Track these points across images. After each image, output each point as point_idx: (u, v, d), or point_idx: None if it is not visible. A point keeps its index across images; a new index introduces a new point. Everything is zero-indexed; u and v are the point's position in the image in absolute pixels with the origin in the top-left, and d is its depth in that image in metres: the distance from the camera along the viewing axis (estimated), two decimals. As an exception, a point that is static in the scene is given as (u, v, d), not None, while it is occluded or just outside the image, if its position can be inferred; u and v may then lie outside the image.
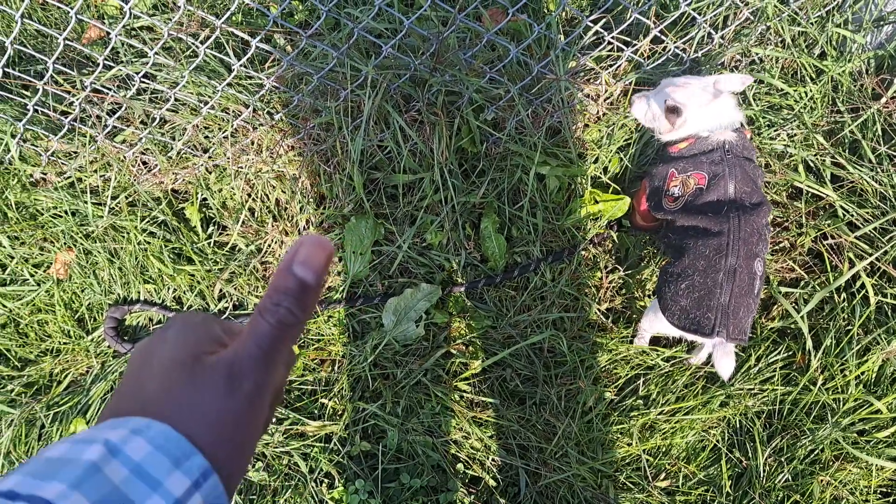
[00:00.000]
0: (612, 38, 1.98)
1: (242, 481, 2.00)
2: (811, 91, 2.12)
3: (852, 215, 2.07)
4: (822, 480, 1.94)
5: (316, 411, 2.09)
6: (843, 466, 1.95)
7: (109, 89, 2.09)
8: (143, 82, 2.00)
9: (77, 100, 1.99)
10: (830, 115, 2.16)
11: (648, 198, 1.95)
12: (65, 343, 2.21)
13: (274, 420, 2.04)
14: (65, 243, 2.21)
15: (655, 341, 2.14)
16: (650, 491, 1.98)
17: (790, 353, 2.09)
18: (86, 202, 2.17)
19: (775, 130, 2.17)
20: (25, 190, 2.19)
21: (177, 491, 0.43)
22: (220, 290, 2.21)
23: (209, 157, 2.17)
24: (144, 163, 2.23)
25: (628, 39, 2.08)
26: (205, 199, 2.22)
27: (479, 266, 2.20)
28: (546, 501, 2.01)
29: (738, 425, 2.08)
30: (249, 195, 2.21)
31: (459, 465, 2.03)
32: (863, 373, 1.99)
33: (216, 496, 0.45)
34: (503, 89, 2.02)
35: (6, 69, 1.84)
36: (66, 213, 2.19)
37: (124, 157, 2.18)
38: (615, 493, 1.97)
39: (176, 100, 2.04)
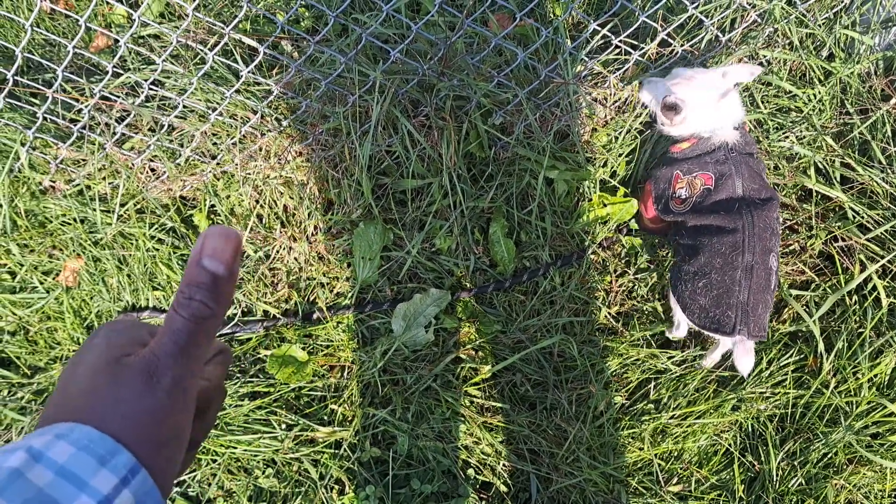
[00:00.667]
0: (620, 41, 1.98)
1: (252, 488, 1.99)
2: (820, 93, 2.12)
3: (862, 217, 2.06)
4: (836, 484, 1.93)
5: (326, 417, 2.08)
6: (857, 470, 1.94)
7: (118, 97, 2.10)
8: (152, 89, 2.00)
9: (86, 107, 1.99)
10: (839, 117, 2.15)
11: (655, 201, 1.95)
12: (74, 350, 2.20)
13: (284, 426, 2.04)
14: (74, 251, 2.21)
15: (668, 344, 2.13)
16: (662, 496, 1.97)
17: (802, 356, 2.08)
18: (94, 210, 2.17)
19: (784, 133, 2.16)
20: (34, 198, 2.19)
21: (104, 488, 0.43)
22: (229, 297, 2.20)
23: (217, 164, 2.17)
24: (153, 170, 2.23)
25: (635, 43, 2.08)
26: (213, 205, 2.22)
27: (488, 271, 2.19)
28: (557, 507, 2.00)
29: (750, 429, 2.06)
30: (257, 201, 2.21)
31: (470, 471, 2.02)
32: (876, 375, 1.98)
33: (145, 491, 0.46)
34: (511, 94, 2.02)
35: (16, 77, 1.85)
36: (74, 220, 2.19)
37: (133, 165, 2.18)
38: (627, 498, 1.96)
39: (184, 107, 2.04)
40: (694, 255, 1.76)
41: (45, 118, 2.00)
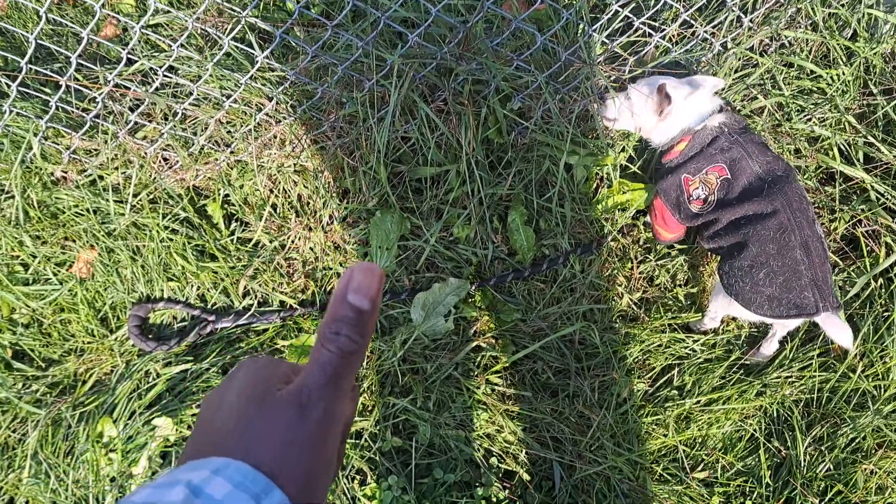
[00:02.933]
0: (641, 22, 1.95)
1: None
2: (843, 73, 2.08)
3: (887, 198, 2.03)
4: (865, 469, 1.90)
5: (345, 408, 2.05)
6: (886, 454, 1.91)
7: (131, 84, 2.07)
8: (166, 76, 1.97)
9: (99, 95, 1.96)
10: (862, 98, 2.12)
11: (674, 212, 1.91)
12: (89, 342, 2.18)
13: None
14: (87, 242, 2.18)
15: (688, 330, 2.11)
16: (688, 483, 1.95)
17: (827, 340, 2.05)
18: (107, 200, 2.14)
19: (806, 115, 2.13)
20: (47, 188, 2.16)
21: None
22: (245, 287, 2.18)
23: (231, 153, 2.14)
24: (166, 159, 2.20)
25: (656, 24, 2.05)
26: (227, 195, 2.19)
27: (507, 259, 2.17)
28: (581, 495, 1.98)
29: (775, 414, 2.04)
30: (272, 191, 2.18)
31: (493, 460, 2.00)
32: (904, 359, 1.95)
33: None
34: (530, 77, 1.99)
35: (29, 65, 1.82)
36: (87, 211, 2.16)
37: (146, 154, 2.15)
38: (652, 486, 1.93)
39: (198, 94, 2.01)
40: (742, 250, 1.72)
41: (57, 107, 1.97)
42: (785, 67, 2.13)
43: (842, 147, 2.11)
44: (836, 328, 1.69)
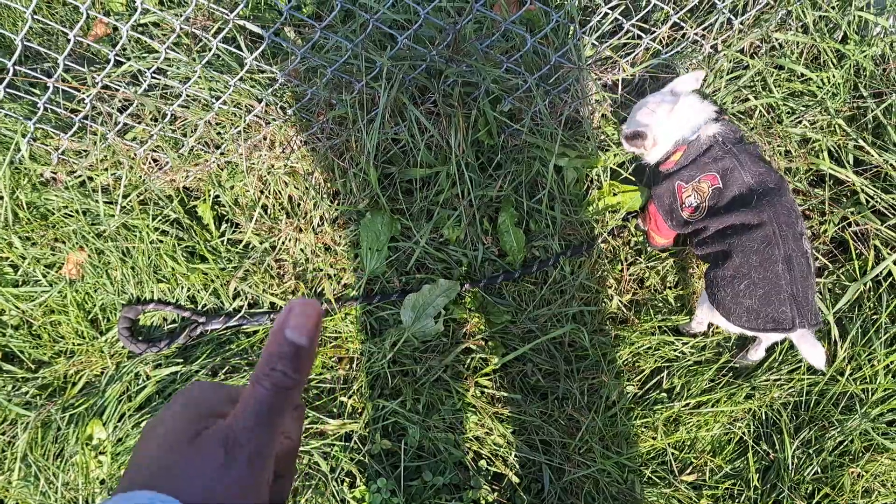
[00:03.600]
0: (631, 25, 1.95)
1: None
2: (833, 76, 2.08)
3: (877, 201, 2.04)
4: (852, 472, 1.91)
5: (335, 410, 2.06)
6: (873, 458, 1.92)
7: (120, 86, 2.06)
8: (154, 78, 1.96)
9: (87, 97, 1.95)
10: (853, 101, 2.12)
11: (666, 218, 1.91)
12: (78, 344, 2.18)
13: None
14: (76, 243, 2.18)
15: (678, 333, 2.11)
16: (676, 486, 1.95)
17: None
18: (97, 201, 2.13)
19: (796, 118, 2.13)
20: (36, 190, 2.15)
21: None
22: (235, 289, 2.18)
23: (221, 154, 2.14)
24: (155, 160, 2.19)
25: (646, 26, 2.05)
26: (217, 196, 2.19)
27: (497, 261, 2.16)
28: (570, 498, 1.98)
29: (764, 417, 2.04)
30: (262, 192, 2.18)
31: (482, 462, 2.00)
32: (892, 362, 1.95)
33: None
34: (520, 79, 1.99)
35: (16, 67, 1.81)
36: (77, 212, 2.16)
37: (135, 155, 2.14)
38: (641, 489, 1.94)
39: (187, 96, 2.00)
40: (726, 259, 1.71)
41: (45, 108, 1.96)
42: (775, 70, 2.12)
43: (832, 149, 2.11)
44: (808, 346, 1.69)
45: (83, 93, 2.00)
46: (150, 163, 2.19)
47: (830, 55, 2.11)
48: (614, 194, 2.16)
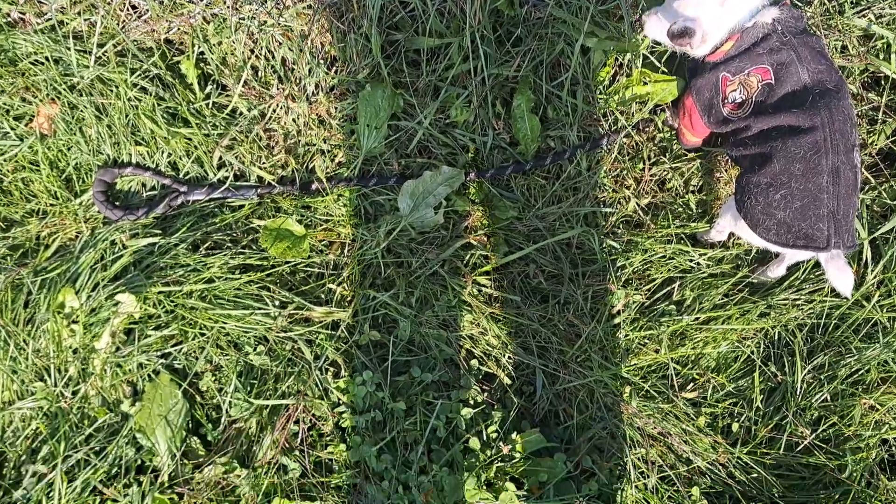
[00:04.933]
0: None
1: (242, 364, 1.88)
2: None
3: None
4: (864, 403, 1.81)
5: (322, 296, 1.94)
6: (889, 390, 1.82)
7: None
8: None
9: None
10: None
11: (703, 114, 1.68)
12: (52, 205, 2.04)
13: (277, 303, 1.90)
14: (48, 94, 1.99)
15: (695, 243, 1.96)
16: (675, 401, 1.86)
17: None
18: (69, 48, 1.91)
19: (862, 9, 1.86)
20: (2, 31, 1.93)
21: None
22: (220, 158, 2.01)
23: (207, 5, 1.90)
24: (134, 7, 1.96)
25: None
26: (202, 52, 1.97)
27: (507, 149, 1.99)
28: (562, 404, 1.90)
29: (776, 337, 1.92)
30: (252, 51, 1.96)
31: (474, 362, 1.91)
32: (926, 292, 1.81)
33: None
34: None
35: None
36: (47, 59, 1.95)
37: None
38: (638, 402, 1.85)
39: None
40: (764, 164, 1.52)
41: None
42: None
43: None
44: (837, 270, 1.53)
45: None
46: (127, 9, 1.95)
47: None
48: (644, 83, 1.93)
